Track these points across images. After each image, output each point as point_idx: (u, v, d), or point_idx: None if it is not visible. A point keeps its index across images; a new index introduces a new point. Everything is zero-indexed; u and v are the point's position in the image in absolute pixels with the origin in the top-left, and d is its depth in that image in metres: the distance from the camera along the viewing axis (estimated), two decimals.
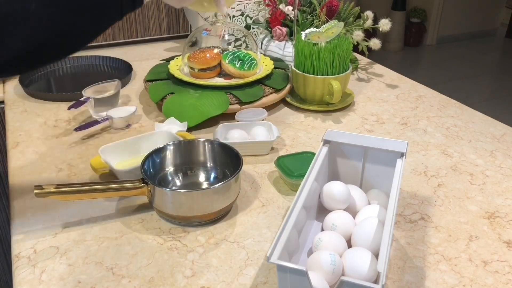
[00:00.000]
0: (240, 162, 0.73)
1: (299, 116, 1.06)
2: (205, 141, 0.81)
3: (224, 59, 1.08)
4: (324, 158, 0.71)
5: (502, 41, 4.78)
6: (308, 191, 0.63)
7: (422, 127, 1.01)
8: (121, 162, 0.84)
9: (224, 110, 0.99)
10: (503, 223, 0.73)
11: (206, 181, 0.80)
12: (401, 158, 0.69)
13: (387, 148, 0.70)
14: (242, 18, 1.35)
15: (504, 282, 0.63)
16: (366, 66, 1.36)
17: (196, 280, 0.62)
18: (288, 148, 0.93)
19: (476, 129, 1.01)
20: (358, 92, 1.18)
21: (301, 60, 1.05)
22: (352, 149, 0.73)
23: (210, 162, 0.81)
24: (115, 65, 1.33)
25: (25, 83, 1.19)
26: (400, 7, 4.30)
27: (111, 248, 0.68)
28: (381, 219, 0.64)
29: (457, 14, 4.54)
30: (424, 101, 1.14)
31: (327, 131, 0.75)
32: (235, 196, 0.73)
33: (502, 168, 0.87)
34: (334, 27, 1.05)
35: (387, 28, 1.23)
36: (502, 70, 4.04)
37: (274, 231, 0.71)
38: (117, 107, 1.03)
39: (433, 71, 3.96)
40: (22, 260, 0.65)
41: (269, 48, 1.27)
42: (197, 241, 0.69)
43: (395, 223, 0.73)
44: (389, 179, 0.66)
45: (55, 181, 0.82)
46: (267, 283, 0.62)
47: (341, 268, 0.58)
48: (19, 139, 0.95)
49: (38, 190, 0.66)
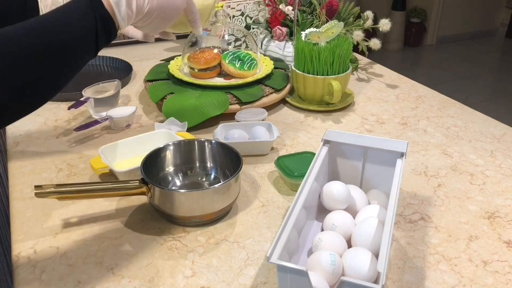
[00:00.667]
0: (240, 162, 0.73)
1: (299, 116, 1.06)
2: (205, 141, 0.81)
3: (224, 59, 1.08)
4: (324, 158, 0.71)
5: (502, 41, 4.78)
6: (308, 191, 0.63)
7: (422, 127, 1.01)
8: (121, 162, 0.84)
9: (224, 110, 0.99)
10: (503, 223, 0.73)
11: (206, 181, 0.80)
12: (401, 158, 0.69)
13: (387, 148, 0.70)
14: (242, 18, 1.35)
15: (504, 282, 0.63)
16: (366, 66, 1.36)
17: (196, 280, 0.62)
18: (288, 148, 0.93)
19: (476, 129, 1.01)
20: (358, 92, 1.18)
21: (301, 60, 1.05)
22: (352, 149, 0.73)
23: (210, 162, 0.81)
24: (115, 65, 1.33)
25: None
26: (400, 7, 4.30)
27: (111, 248, 0.68)
28: (381, 219, 0.64)
29: (457, 14, 4.54)
30: (424, 101, 1.14)
31: (327, 131, 0.75)
32: (235, 196, 0.73)
33: (502, 168, 0.87)
34: (334, 27, 1.05)
35: (387, 28, 1.23)
36: (502, 70, 4.04)
37: (274, 231, 0.71)
38: (117, 107, 1.03)
39: (433, 71, 3.96)
40: (22, 260, 0.65)
41: (269, 48, 1.27)
42: (197, 241, 0.69)
43: (395, 223, 0.73)
44: (389, 179, 0.66)
45: (55, 181, 0.82)
46: (267, 283, 0.62)
47: (341, 268, 0.58)
48: (19, 139, 0.95)
49: (38, 190, 0.66)
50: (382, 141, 0.72)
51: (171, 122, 0.95)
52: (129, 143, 0.86)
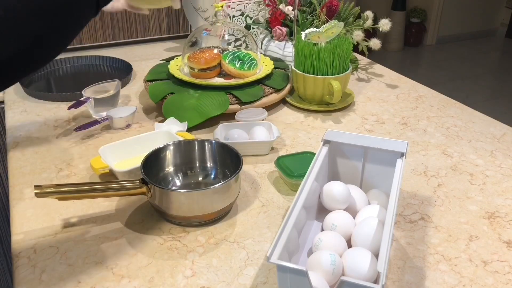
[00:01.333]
0: (240, 162, 0.73)
1: (299, 116, 1.06)
2: (205, 141, 0.81)
3: (224, 59, 1.08)
4: (324, 158, 0.71)
5: (502, 41, 4.78)
6: (308, 191, 0.63)
7: (422, 127, 1.01)
8: (121, 162, 0.84)
9: (224, 110, 0.99)
10: (503, 223, 0.73)
11: (206, 181, 0.80)
12: (401, 158, 0.69)
13: (387, 148, 0.70)
14: (242, 18, 1.35)
15: (504, 282, 0.63)
16: (366, 66, 1.36)
17: (196, 280, 0.62)
18: (288, 148, 0.93)
19: (476, 129, 1.01)
20: (358, 92, 1.18)
21: (301, 60, 1.05)
22: (352, 149, 0.73)
23: (210, 162, 0.81)
24: (115, 65, 1.33)
25: (25, 83, 1.19)
26: (400, 7, 4.30)
27: (111, 248, 0.68)
28: (381, 219, 0.64)
29: (457, 14, 4.54)
30: (424, 101, 1.14)
31: (327, 131, 0.75)
32: (235, 196, 0.73)
33: (502, 168, 0.87)
34: (334, 27, 1.05)
35: (387, 28, 1.23)
36: (502, 70, 4.04)
37: (274, 231, 0.71)
38: (117, 107, 1.03)
39: (433, 71, 3.96)
40: (22, 260, 0.66)
41: (269, 48, 1.27)
42: (197, 241, 0.69)
43: (395, 223, 0.73)
44: (389, 179, 0.66)
45: (55, 181, 0.82)
46: (267, 283, 0.62)
47: (341, 268, 0.58)
48: (19, 139, 0.95)
49: (38, 190, 0.66)
50: (382, 141, 0.72)
51: (171, 122, 0.95)
52: (129, 143, 0.86)
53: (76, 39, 1.44)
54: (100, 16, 1.44)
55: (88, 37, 1.46)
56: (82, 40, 1.45)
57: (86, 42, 1.46)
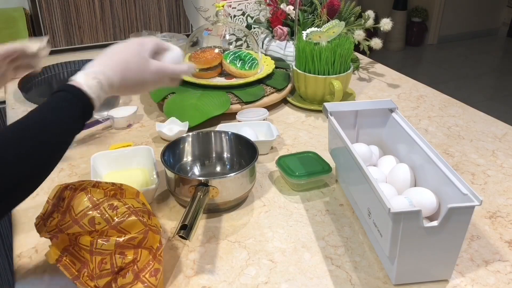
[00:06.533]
0: (256, 152, 0.76)
1: (300, 115, 1.06)
2: (221, 132, 0.84)
3: (225, 59, 1.08)
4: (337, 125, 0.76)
5: (503, 40, 4.77)
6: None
7: (423, 127, 1.01)
8: (110, 173, 0.82)
9: (225, 110, 0.99)
10: (505, 223, 0.73)
11: (223, 170, 0.83)
12: (396, 112, 0.78)
13: (377, 107, 0.79)
14: (243, 17, 1.35)
15: (505, 281, 0.63)
16: (367, 65, 1.36)
17: (197, 280, 0.62)
18: (289, 148, 0.93)
19: (477, 129, 1.01)
20: (359, 91, 1.18)
21: (302, 60, 1.05)
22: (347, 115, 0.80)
23: (227, 152, 0.84)
24: None
25: (25, 89, 1.15)
26: (401, 7, 4.29)
27: None
28: (409, 163, 0.73)
29: (459, 14, 4.53)
30: (426, 100, 1.14)
31: (325, 104, 0.79)
32: (252, 184, 0.76)
33: (504, 167, 0.87)
34: (335, 27, 1.04)
35: (388, 28, 1.23)
36: (503, 69, 4.03)
37: (275, 230, 0.71)
38: (118, 107, 1.03)
39: (434, 70, 3.95)
40: (24, 259, 0.66)
41: (270, 47, 1.27)
42: (198, 241, 0.69)
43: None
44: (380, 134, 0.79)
45: (56, 181, 0.82)
46: (268, 283, 0.62)
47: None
48: None
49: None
50: (371, 103, 0.81)
51: (172, 122, 0.96)
52: (122, 155, 0.83)
53: (77, 39, 1.45)
54: (101, 16, 1.44)
55: (89, 37, 1.46)
56: (83, 40, 1.45)
57: (87, 42, 1.46)
